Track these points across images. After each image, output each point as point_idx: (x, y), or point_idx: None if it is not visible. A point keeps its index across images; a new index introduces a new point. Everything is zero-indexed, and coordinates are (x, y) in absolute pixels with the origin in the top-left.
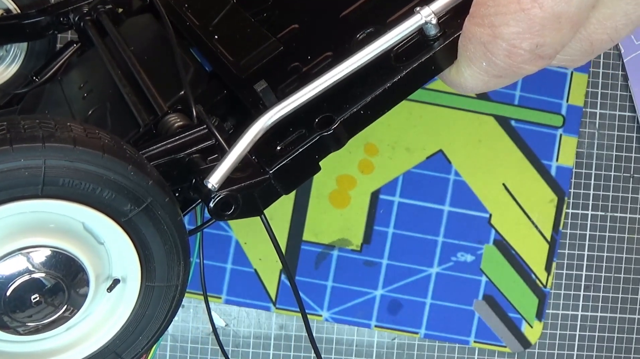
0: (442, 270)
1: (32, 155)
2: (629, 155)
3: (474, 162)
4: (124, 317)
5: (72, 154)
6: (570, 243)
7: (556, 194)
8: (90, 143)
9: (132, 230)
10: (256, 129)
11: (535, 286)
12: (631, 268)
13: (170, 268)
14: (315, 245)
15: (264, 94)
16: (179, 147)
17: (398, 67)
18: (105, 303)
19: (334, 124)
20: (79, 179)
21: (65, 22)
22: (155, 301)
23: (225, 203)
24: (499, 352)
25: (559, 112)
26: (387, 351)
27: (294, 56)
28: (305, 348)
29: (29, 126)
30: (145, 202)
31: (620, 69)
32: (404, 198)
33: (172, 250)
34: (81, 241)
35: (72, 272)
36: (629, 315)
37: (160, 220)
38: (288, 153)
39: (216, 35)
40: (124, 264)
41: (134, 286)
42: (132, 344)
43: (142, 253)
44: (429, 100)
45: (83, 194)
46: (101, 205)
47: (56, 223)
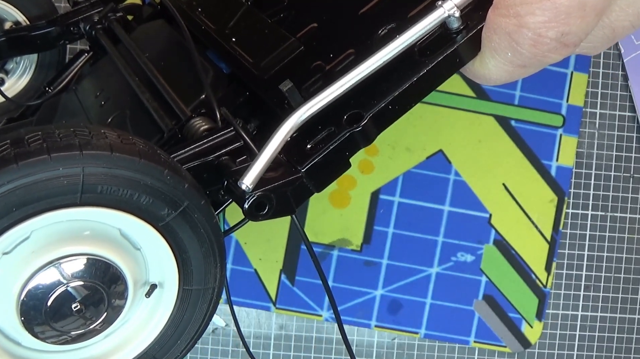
0: (442, 270)
1: (70, 164)
2: (629, 155)
3: (474, 162)
4: (162, 322)
5: (110, 161)
6: (570, 243)
7: (556, 194)
8: (127, 149)
9: (169, 234)
10: (286, 129)
11: (535, 286)
12: (631, 268)
13: (207, 271)
14: (315, 245)
15: (290, 94)
16: (207, 150)
17: (423, 61)
18: (143, 308)
19: (362, 120)
20: (116, 186)
21: (76, 31)
22: (192, 304)
23: (260, 203)
24: (499, 352)
25: (559, 112)
26: (387, 351)
27: (315, 55)
28: (306, 348)
29: (65, 134)
30: (182, 206)
31: (620, 69)
32: (404, 198)
33: (208, 253)
34: (118, 248)
35: (111, 279)
36: (629, 315)
37: (196, 223)
38: (319, 151)
39: (234, 38)
40: (161, 269)
41: (171, 291)
42: (171, 349)
43: (179, 257)
44: (429, 100)
45: (121, 200)
46: (139, 211)
47: (93, 231)
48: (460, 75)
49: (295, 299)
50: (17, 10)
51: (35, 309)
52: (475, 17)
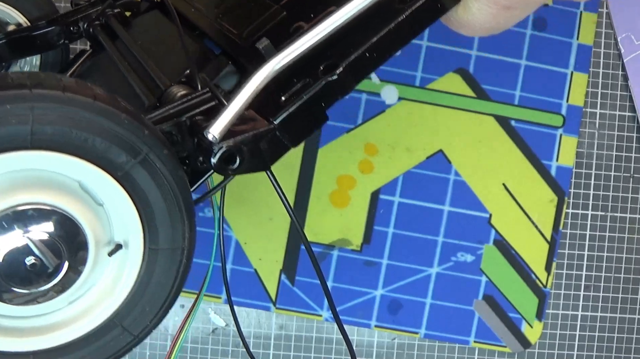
0: (442, 270)
1: (18, 101)
2: (629, 155)
3: (474, 162)
4: (128, 285)
5: (61, 100)
6: (570, 243)
7: (556, 194)
8: (81, 90)
9: (131, 186)
10: (258, 78)
11: (535, 286)
12: (631, 268)
13: (174, 229)
14: (315, 245)
15: (266, 50)
16: (181, 111)
17: (401, 8)
18: (107, 271)
19: (338, 68)
20: (69, 127)
21: (76, 31)
22: (160, 266)
23: (230, 155)
24: (499, 352)
25: (559, 112)
26: (387, 351)
27: (297, 18)
28: (306, 348)
29: (17, 77)
30: (141, 153)
31: (620, 69)
32: (404, 198)
33: (174, 208)
34: (78, 201)
35: (69, 232)
36: (629, 315)
37: (159, 174)
38: (293, 102)
39: (220, 14)
40: (125, 226)
41: (137, 251)
42: (139, 317)
43: (142, 213)
44: (429, 100)
45: (75, 145)
46: (95, 157)
47: (50, 181)
48: (460, 76)
49: (295, 299)
50: (18, 12)
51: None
52: None
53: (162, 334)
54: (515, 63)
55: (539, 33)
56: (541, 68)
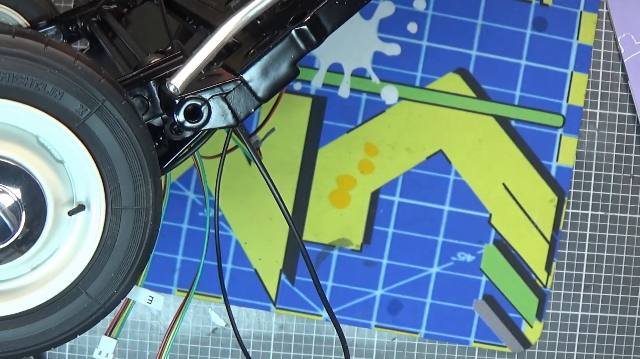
0: (442, 270)
1: None
2: (629, 155)
3: (474, 162)
4: (91, 248)
5: (10, 43)
6: (570, 243)
7: (556, 194)
8: (33, 35)
9: (89, 139)
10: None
11: (535, 286)
12: (631, 268)
13: (137, 187)
14: (315, 245)
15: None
16: (151, 74)
17: None
18: (70, 234)
19: (306, 17)
20: (19, 71)
21: (74, 29)
22: (124, 228)
23: (195, 108)
24: (499, 352)
25: (559, 112)
26: (387, 351)
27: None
28: (305, 348)
29: None
30: (97, 102)
31: (620, 69)
32: (404, 198)
33: (136, 165)
34: (36, 156)
35: (28, 190)
36: (629, 315)
37: (118, 125)
38: (260, 54)
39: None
40: (86, 185)
41: (98, 211)
42: (104, 284)
43: (103, 169)
44: (429, 100)
45: (27, 91)
46: (49, 106)
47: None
48: (460, 76)
49: (295, 300)
50: (17, 13)
51: None
52: None
53: (162, 334)
54: (515, 63)
55: (539, 33)
56: (541, 69)
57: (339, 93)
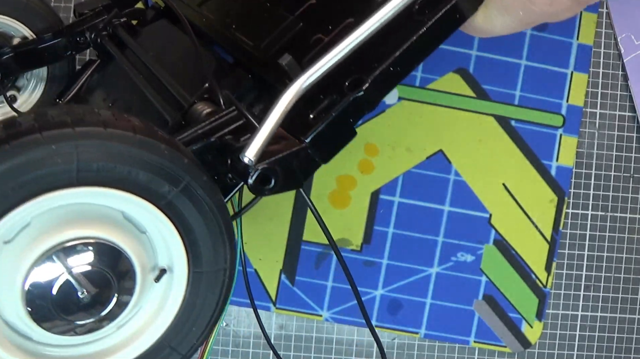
0: (442, 270)
1: (63, 141)
2: (629, 155)
3: (474, 162)
4: (174, 308)
5: (104, 136)
6: (570, 243)
7: (556, 194)
8: (120, 124)
9: (173, 214)
10: (287, 98)
11: (535, 286)
12: (631, 268)
13: (216, 252)
14: (315, 245)
15: (290, 67)
16: (210, 131)
17: (421, 19)
18: (154, 295)
19: (364, 84)
20: (113, 162)
21: (82, 41)
22: (204, 288)
23: (265, 177)
24: (499, 352)
25: (559, 112)
26: (387, 351)
27: (314, 30)
28: (306, 348)
29: (57, 114)
30: (183, 182)
31: (620, 69)
32: (404, 198)
33: (216, 232)
34: (123, 231)
35: (117, 263)
36: (629, 315)
37: (200, 200)
38: (322, 120)
39: (234, 25)
40: (169, 252)
41: (181, 275)
42: (186, 336)
43: (186, 238)
44: (429, 100)
45: (119, 178)
46: (139, 189)
47: (95, 214)
48: (460, 76)
49: (295, 299)
50: (23, 25)
51: (41, 299)
52: None
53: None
54: (515, 63)
55: (539, 33)
56: (541, 68)
57: None
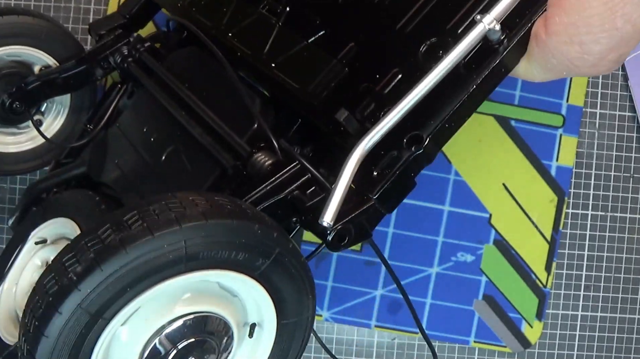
0: (442, 270)
1: (172, 239)
2: (629, 155)
3: (474, 162)
4: (264, 357)
5: (207, 229)
6: (570, 243)
7: (556, 194)
8: (218, 213)
9: (265, 280)
10: (354, 160)
11: (535, 286)
12: (631, 268)
13: (300, 304)
14: (315, 245)
15: (347, 122)
16: (278, 187)
17: (470, 75)
18: (246, 348)
19: (424, 142)
20: (215, 249)
21: (106, 66)
22: (290, 335)
23: (341, 236)
24: (499, 352)
25: (559, 112)
26: (387, 351)
27: (360, 76)
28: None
29: (160, 210)
30: (273, 254)
31: (620, 69)
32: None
33: (301, 288)
34: (219, 299)
35: (219, 330)
36: (629, 315)
37: (288, 266)
38: (386, 176)
39: (273, 63)
40: (258, 309)
41: (270, 327)
42: None
43: (274, 297)
44: None
45: (220, 261)
46: (236, 266)
47: (196, 289)
48: None
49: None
50: (44, 53)
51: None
52: (515, 24)
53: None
54: None
55: None
56: None
57: None
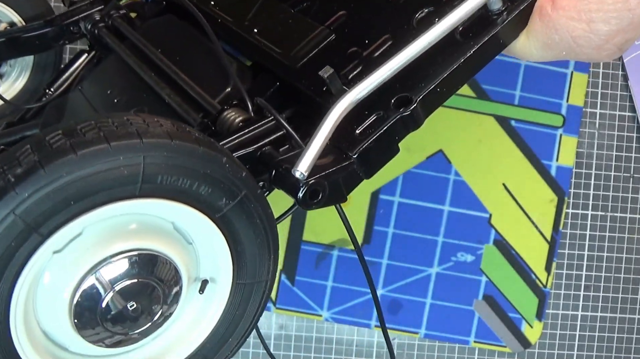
0: (442, 270)
1: (131, 152)
2: (629, 155)
3: (474, 162)
4: (214, 319)
5: (171, 149)
6: (570, 243)
7: (556, 194)
8: (185, 137)
9: (226, 226)
10: (336, 114)
11: (535, 286)
12: (631, 268)
13: (261, 264)
14: (315, 245)
15: (331, 80)
16: (249, 141)
17: (467, 43)
18: (194, 305)
19: (412, 104)
20: (177, 175)
21: (76, 31)
22: (245, 299)
23: (314, 191)
24: (499, 352)
25: (559, 112)
26: (387, 351)
27: (348, 42)
28: (306, 348)
29: (120, 123)
30: (239, 195)
31: (620, 69)
32: (404, 198)
33: (263, 244)
34: (172, 242)
35: (166, 274)
36: (629, 315)
37: (253, 213)
38: (369, 136)
39: (255, 29)
40: (214, 263)
41: (224, 286)
42: (221, 347)
43: (234, 250)
44: None
45: (180, 190)
46: (197, 201)
47: (146, 225)
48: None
49: (295, 299)
50: (12, 10)
51: (89, 311)
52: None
53: None
54: (515, 63)
55: None
56: (541, 68)
57: None
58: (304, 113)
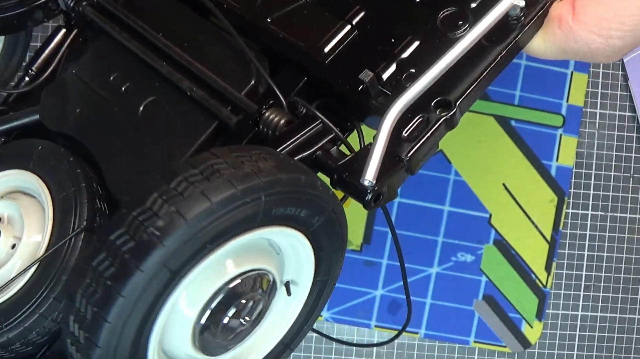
0: (442, 270)
1: (255, 193)
2: (629, 155)
3: (474, 162)
4: (295, 314)
5: (283, 184)
6: (570, 243)
7: (556, 194)
8: (290, 168)
9: (314, 237)
10: (392, 117)
11: (535, 286)
12: (631, 268)
13: (336, 261)
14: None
15: (371, 84)
16: (301, 145)
17: (493, 47)
18: (278, 305)
19: (453, 107)
20: (287, 206)
21: (54, 8)
22: (319, 293)
23: (377, 195)
24: (499, 352)
25: (559, 112)
26: (387, 351)
27: (374, 39)
28: (305, 348)
29: (234, 163)
30: (327, 211)
31: (620, 69)
32: (404, 198)
33: (340, 246)
34: (269, 257)
35: (267, 287)
36: (629, 315)
37: (335, 224)
38: (417, 138)
39: (268, 19)
40: (298, 267)
41: (305, 285)
42: (299, 334)
43: (317, 255)
44: None
45: (287, 217)
46: (297, 223)
47: (249, 247)
48: None
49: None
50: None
51: (210, 331)
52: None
53: None
54: (515, 63)
55: None
56: (541, 68)
57: None
58: (332, 109)
